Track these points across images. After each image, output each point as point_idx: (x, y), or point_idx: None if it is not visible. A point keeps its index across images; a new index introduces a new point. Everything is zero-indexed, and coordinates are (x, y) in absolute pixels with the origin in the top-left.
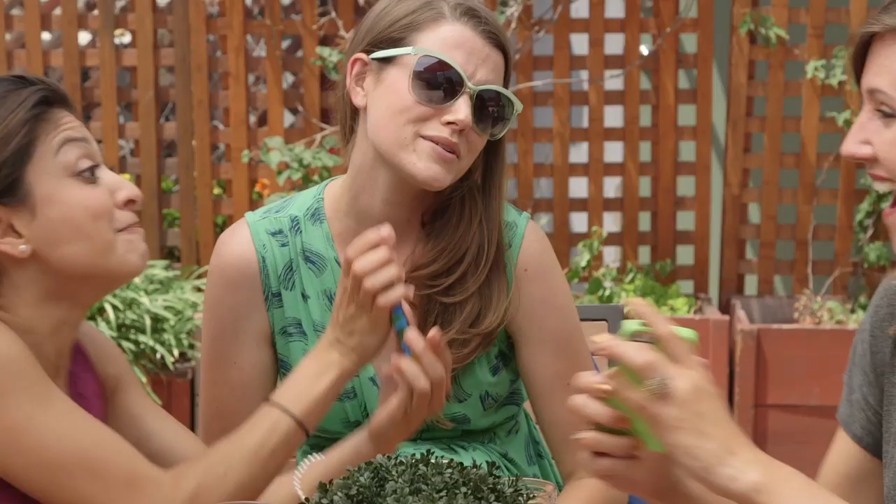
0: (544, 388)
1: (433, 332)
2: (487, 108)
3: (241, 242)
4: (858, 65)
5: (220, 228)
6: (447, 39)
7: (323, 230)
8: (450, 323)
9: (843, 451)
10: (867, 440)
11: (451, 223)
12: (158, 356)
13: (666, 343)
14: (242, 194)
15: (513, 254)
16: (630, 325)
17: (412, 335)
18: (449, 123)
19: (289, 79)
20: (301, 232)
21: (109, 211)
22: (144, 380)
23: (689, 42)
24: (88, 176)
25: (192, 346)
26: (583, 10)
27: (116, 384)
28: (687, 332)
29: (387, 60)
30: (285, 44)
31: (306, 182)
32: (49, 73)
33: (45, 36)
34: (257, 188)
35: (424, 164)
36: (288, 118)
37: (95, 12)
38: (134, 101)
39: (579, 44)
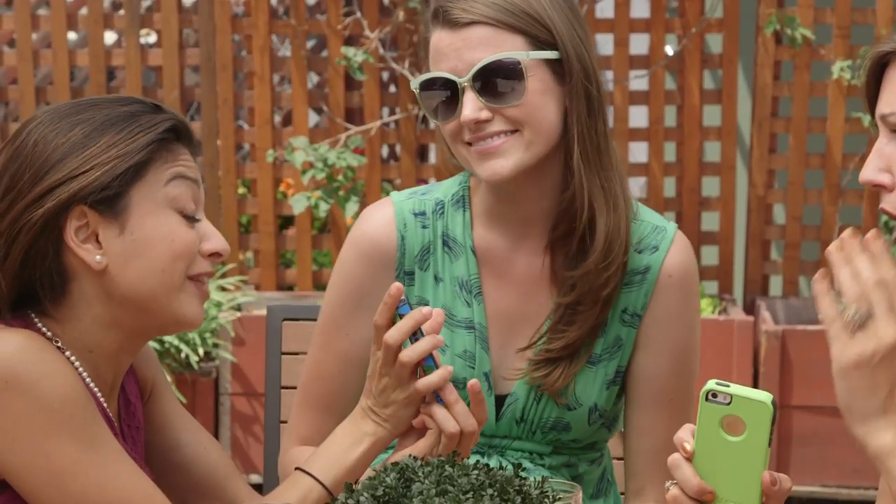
0: (647, 398)
1: (473, 381)
2: (492, 82)
3: (383, 218)
4: (872, 88)
5: (244, 228)
6: (433, 52)
7: (465, 218)
8: (580, 276)
9: None
10: None
11: (563, 184)
12: (183, 355)
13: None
14: (267, 194)
15: (658, 257)
16: (709, 385)
17: (447, 387)
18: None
19: (314, 79)
20: (444, 216)
21: (193, 255)
22: (169, 378)
23: (715, 42)
24: (188, 219)
25: (216, 346)
26: (608, 10)
27: (152, 388)
28: (760, 395)
29: None
30: (310, 44)
31: (330, 181)
32: (75, 73)
33: (72, 36)
34: (282, 188)
35: (480, 169)
36: (312, 118)
37: (121, 12)
38: (159, 100)
39: (604, 44)
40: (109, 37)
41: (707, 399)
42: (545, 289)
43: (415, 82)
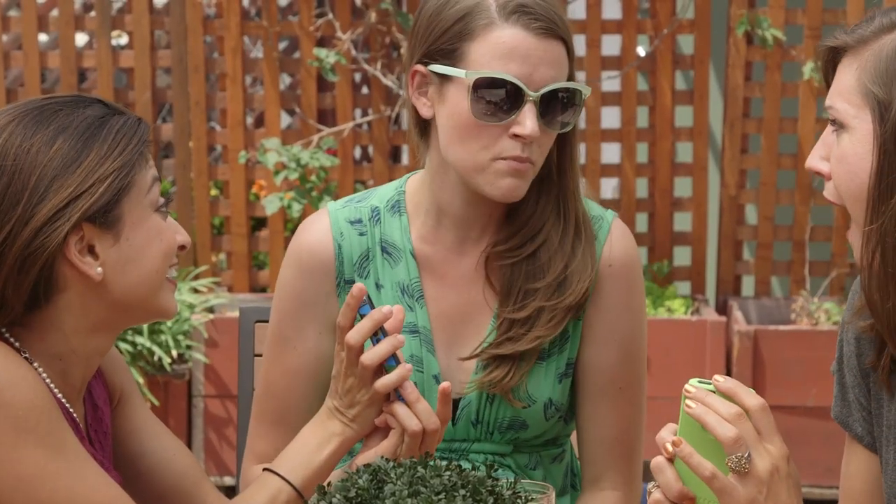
0: (596, 388)
1: (445, 384)
2: (554, 106)
3: (319, 229)
4: (828, 83)
5: (217, 230)
6: (500, 46)
7: (402, 223)
8: (534, 293)
9: (854, 460)
10: (868, 439)
11: (528, 201)
12: (155, 357)
13: (753, 416)
14: (239, 196)
15: (598, 247)
16: (690, 383)
17: (407, 385)
18: (517, 136)
19: (286, 80)
20: (380, 222)
21: (175, 248)
22: (142, 381)
23: (686, 43)
24: (164, 211)
25: (189, 348)
26: (579, 12)
27: (121, 394)
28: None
29: (445, 76)
30: (282, 45)
31: (303, 182)
32: (46, 75)
33: (42, 37)
34: (254, 189)
35: (501, 182)
36: (285, 119)
37: (92, 14)
38: (131, 102)
39: (576, 45)
40: (81, 38)
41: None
42: (486, 289)
43: (474, 74)
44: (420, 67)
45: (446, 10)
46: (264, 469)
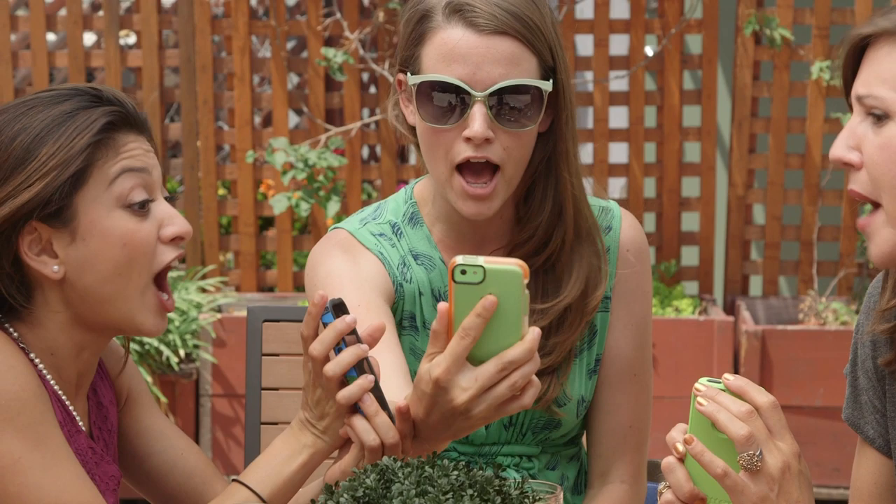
0: (615, 376)
1: (401, 402)
2: (510, 104)
3: (354, 244)
4: (850, 71)
5: (224, 229)
6: (442, 48)
7: (424, 233)
8: (556, 296)
9: (865, 462)
10: (879, 442)
11: (533, 203)
12: (163, 357)
13: (763, 414)
14: (247, 195)
15: (614, 236)
16: (700, 382)
17: (366, 398)
18: (468, 138)
19: (293, 79)
20: (404, 235)
21: (151, 250)
22: (150, 380)
23: (694, 43)
24: (138, 209)
25: (196, 347)
26: (587, 11)
27: (128, 396)
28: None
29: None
30: (290, 44)
31: (311, 182)
32: (54, 74)
33: (51, 37)
34: (262, 189)
35: (463, 203)
36: (293, 119)
37: (100, 13)
38: (139, 101)
39: (584, 45)
40: (89, 38)
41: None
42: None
43: (416, 79)
44: (401, 76)
45: (406, 17)
46: (233, 479)
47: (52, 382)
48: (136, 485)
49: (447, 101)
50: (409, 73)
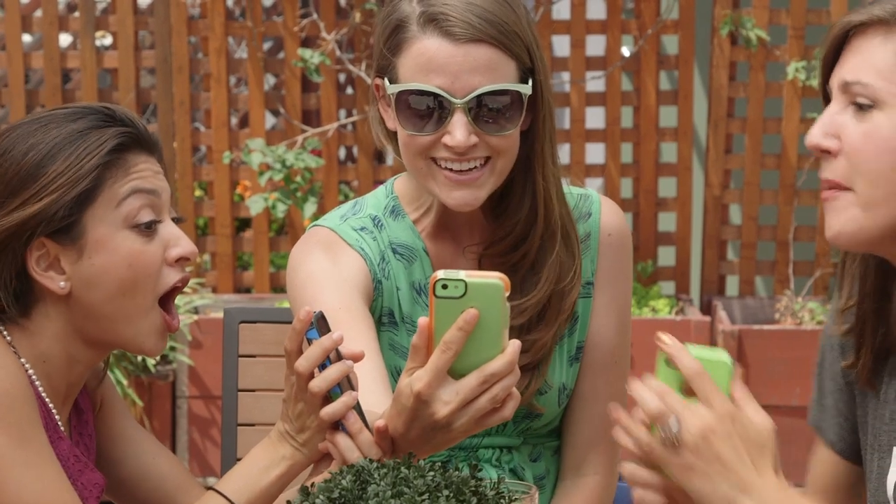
0: (596, 363)
1: (380, 421)
2: (489, 108)
3: (336, 241)
4: (832, 59)
5: (201, 230)
6: (420, 59)
7: (406, 223)
8: (531, 292)
9: (822, 460)
10: (840, 446)
11: (511, 201)
12: (139, 359)
13: (691, 380)
14: (224, 196)
15: (595, 221)
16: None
17: (350, 416)
18: (448, 147)
19: (270, 80)
20: (384, 227)
21: (156, 271)
22: (125, 382)
23: (671, 43)
24: (145, 230)
25: (173, 349)
26: (564, 12)
27: (102, 400)
28: (718, 356)
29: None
30: (267, 45)
31: (288, 183)
32: (30, 76)
33: (26, 38)
34: (239, 190)
35: (447, 195)
36: (269, 120)
37: (76, 14)
38: (115, 102)
39: (561, 45)
40: (64, 39)
41: (667, 365)
42: (493, 266)
43: (394, 88)
44: (378, 80)
45: (382, 25)
46: (209, 488)
47: (39, 388)
48: (110, 491)
49: (428, 109)
50: (386, 80)
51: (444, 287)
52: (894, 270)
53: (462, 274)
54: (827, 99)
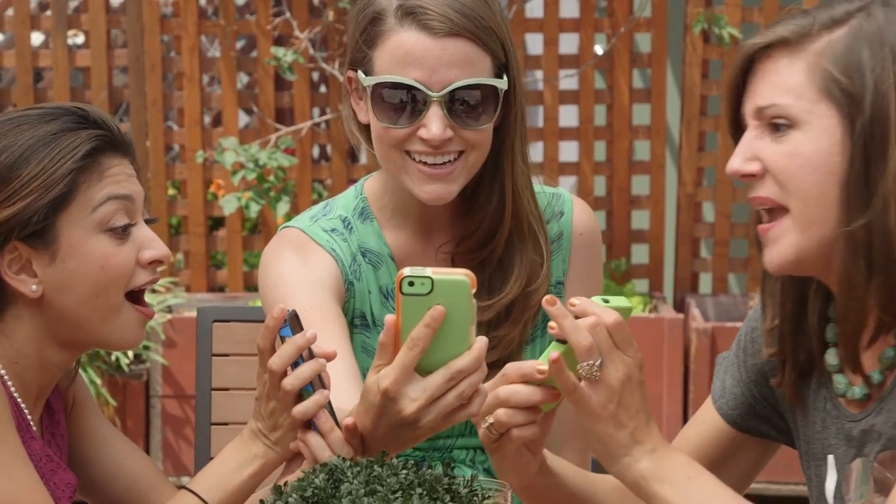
0: None
1: (348, 419)
2: (466, 104)
3: (307, 241)
4: (736, 88)
5: (174, 230)
6: (396, 52)
7: (374, 227)
8: (501, 291)
9: (709, 426)
10: (733, 415)
11: (480, 198)
12: (113, 358)
13: (613, 329)
14: (197, 195)
15: (567, 220)
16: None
17: (321, 415)
18: (424, 140)
19: (243, 79)
20: (355, 230)
21: (128, 273)
22: (99, 382)
23: (644, 41)
24: (120, 233)
25: (146, 348)
26: (537, 10)
27: (74, 400)
28: (620, 302)
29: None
30: (239, 44)
31: (261, 182)
32: (1, 75)
33: None
34: (212, 189)
35: (420, 188)
36: (243, 119)
37: (48, 13)
38: (87, 101)
39: (534, 43)
40: (36, 38)
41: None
42: (463, 262)
43: (370, 80)
44: (351, 73)
45: (357, 18)
46: (181, 487)
47: (12, 388)
48: (83, 491)
49: (403, 102)
50: (361, 73)
51: (411, 284)
52: (810, 289)
53: (428, 271)
54: (736, 128)
